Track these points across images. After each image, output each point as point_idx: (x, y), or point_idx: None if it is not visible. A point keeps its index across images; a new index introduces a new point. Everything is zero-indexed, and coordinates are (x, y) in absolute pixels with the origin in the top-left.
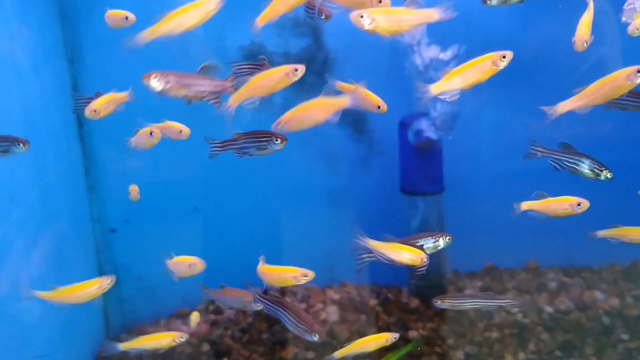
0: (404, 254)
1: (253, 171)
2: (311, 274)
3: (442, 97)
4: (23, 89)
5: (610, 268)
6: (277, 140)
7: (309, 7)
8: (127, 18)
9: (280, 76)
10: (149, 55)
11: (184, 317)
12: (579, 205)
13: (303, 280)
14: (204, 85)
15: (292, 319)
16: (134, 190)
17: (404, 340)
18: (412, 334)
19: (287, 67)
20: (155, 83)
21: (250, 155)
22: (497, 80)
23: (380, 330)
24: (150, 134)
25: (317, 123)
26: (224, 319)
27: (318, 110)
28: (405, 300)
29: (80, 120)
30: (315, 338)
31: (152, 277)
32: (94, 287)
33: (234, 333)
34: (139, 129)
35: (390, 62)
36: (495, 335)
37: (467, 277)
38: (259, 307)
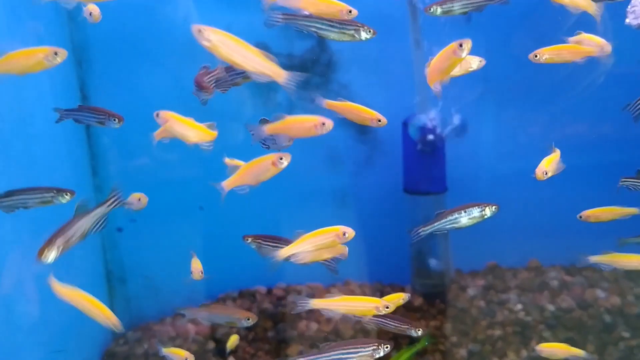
0: None
1: None
2: (392, 305)
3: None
4: (31, 89)
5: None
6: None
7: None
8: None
9: (267, 164)
10: (155, 57)
11: None
12: None
13: (385, 311)
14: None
15: None
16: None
17: (407, 339)
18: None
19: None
20: (50, 255)
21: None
22: (498, 81)
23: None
24: None
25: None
26: None
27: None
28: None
29: None
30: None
31: (158, 275)
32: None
33: (239, 331)
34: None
35: (393, 62)
36: (497, 333)
37: (469, 276)
38: (249, 323)
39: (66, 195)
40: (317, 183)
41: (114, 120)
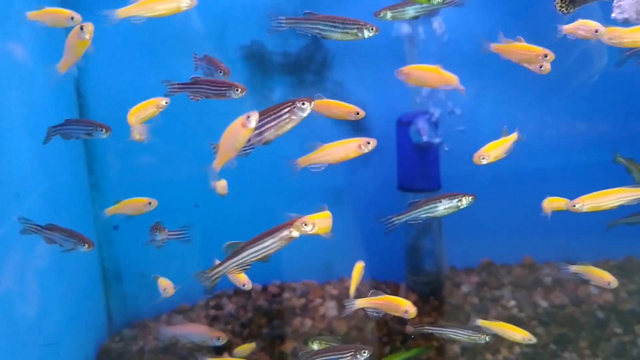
0: None
1: (253, 169)
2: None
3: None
4: (29, 87)
5: (605, 263)
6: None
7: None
8: (72, 18)
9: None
10: (152, 55)
11: (185, 312)
12: None
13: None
14: None
15: None
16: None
17: (401, 335)
18: (410, 329)
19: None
20: None
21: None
22: (495, 79)
23: (378, 325)
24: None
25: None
26: (225, 314)
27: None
28: (403, 296)
29: None
30: None
31: (153, 273)
32: None
33: (235, 328)
34: None
35: (388, 60)
36: None
37: (464, 273)
38: (220, 342)
39: (84, 244)
40: (312, 180)
41: (102, 130)
